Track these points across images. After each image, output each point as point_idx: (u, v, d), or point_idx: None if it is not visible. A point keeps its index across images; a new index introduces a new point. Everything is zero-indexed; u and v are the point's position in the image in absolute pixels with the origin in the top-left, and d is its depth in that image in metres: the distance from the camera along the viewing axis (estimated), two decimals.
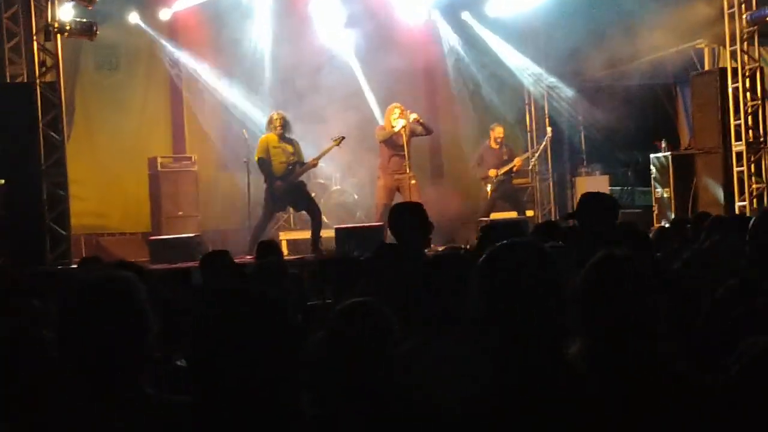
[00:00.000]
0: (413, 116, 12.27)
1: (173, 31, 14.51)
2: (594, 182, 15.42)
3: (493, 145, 14.08)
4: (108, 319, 2.38)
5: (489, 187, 13.91)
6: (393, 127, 12.20)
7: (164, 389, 2.57)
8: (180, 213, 13.47)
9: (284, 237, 13.71)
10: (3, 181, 10.75)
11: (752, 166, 12.62)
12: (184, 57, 14.42)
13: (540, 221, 13.37)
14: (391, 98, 13.37)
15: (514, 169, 14.04)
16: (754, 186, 12.57)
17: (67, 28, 11.31)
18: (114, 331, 2.38)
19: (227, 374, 2.24)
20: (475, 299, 2.52)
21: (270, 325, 2.30)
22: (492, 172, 13.85)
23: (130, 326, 2.40)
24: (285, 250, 13.29)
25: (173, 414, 2.33)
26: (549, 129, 15.24)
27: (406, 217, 5.56)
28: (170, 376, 3.67)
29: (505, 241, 2.67)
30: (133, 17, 13.93)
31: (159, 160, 13.66)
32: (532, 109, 16.39)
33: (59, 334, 2.43)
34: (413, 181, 12.24)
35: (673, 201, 13.40)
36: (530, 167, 15.32)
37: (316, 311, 5.79)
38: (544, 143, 15.25)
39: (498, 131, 14.11)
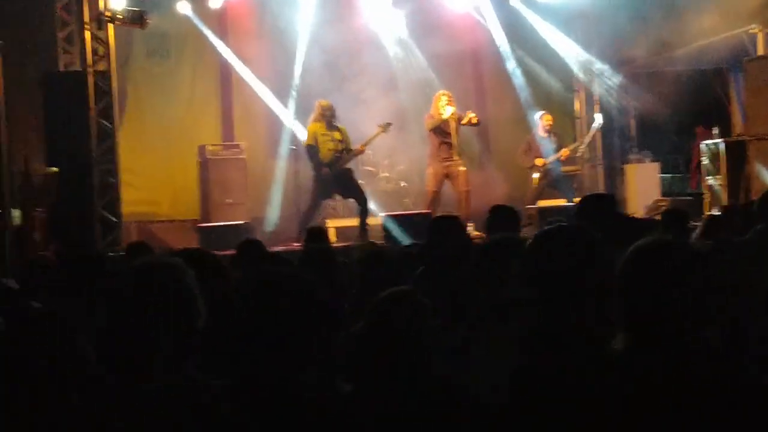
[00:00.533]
0: (471, 115, 12.22)
1: (223, 19, 14.59)
2: (644, 169, 15.28)
3: (542, 133, 13.98)
4: (153, 304, 2.43)
5: (537, 175, 13.83)
6: (441, 114, 12.16)
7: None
8: (229, 200, 13.55)
9: (332, 224, 13.73)
10: (56, 169, 10.91)
11: None
12: (234, 45, 14.51)
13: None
14: (439, 83, 13.35)
15: (561, 158, 13.93)
16: None
17: (119, 17, 11.46)
18: (158, 316, 2.42)
19: (259, 358, 2.29)
20: (518, 281, 2.52)
21: (301, 312, 2.34)
22: (539, 161, 13.77)
23: (175, 312, 2.44)
24: (333, 238, 13.34)
25: (211, 396, 2.37)
26: (598, 115, 15.07)
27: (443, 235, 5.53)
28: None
29: (553, 225, 2.66)
30: (183, 6, 14.02)
31: (208, 147, 13.74)
32: (582, 95, 16.25)
33: (107, 319, 2.48)
34: (462, 168, 12.17)
35: (725, 188, 13.23)
36: (579, 154, 15.18)
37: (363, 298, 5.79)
38: (593, 130, 15.07)
39: (546, 119, 14.00)
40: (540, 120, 14.06)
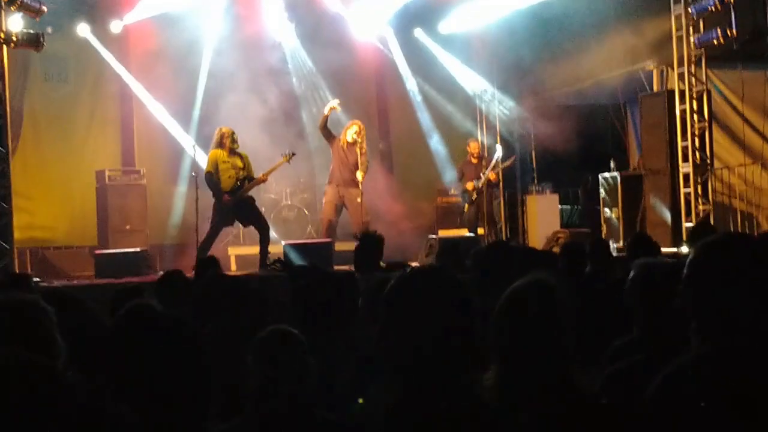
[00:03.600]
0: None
1: (123, 43, 14.40)
2: (544, 200, 15.51)
3: (472, 160, 14.07)
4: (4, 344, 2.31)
5: (470, 198, 13.91)
6: (343, 136, 12.06)
7: None
8: (127, 227, 13.33)
9: (233, 252, 13.64)
10: None
11: (699, 187, 12.71)
12: (134, 70, 14.33)
13: (491, 240, 13.33)
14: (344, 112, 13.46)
15: (491, 180, 13.98)
16: (700, 207, 12.66)
17: (14, 39, 11.15)
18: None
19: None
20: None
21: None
22: (469, 185, 13.84)
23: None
24: (233, 266, 13.22)
25: None
26: (498, 147, 15.19)
27: None
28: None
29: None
30: (83, 29, 13.82)
31: (107, 173, 13.51)
32: (484, 126, 16.44)
33: None
34: (359, 200, 11.99)
35: (621, 221, 13.50)
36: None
37: None
38: (495, 160, 15.13)
39: (473, 146, 14.12)
40: (467, 148, 14.18)
